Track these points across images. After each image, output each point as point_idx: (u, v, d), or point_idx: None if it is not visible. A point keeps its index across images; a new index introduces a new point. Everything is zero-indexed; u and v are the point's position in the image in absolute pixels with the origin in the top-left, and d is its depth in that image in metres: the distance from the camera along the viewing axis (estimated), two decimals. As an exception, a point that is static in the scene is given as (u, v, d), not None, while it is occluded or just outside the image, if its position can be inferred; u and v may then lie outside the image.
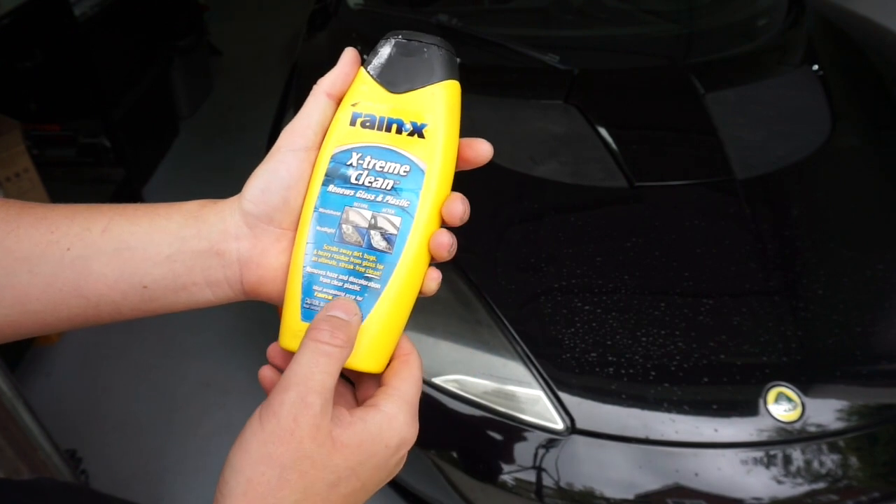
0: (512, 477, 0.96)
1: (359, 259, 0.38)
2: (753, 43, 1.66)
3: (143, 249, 0.36)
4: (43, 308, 0.36)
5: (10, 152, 1.76)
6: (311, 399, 0.32)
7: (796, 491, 0.89)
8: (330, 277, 0.37)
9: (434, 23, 1.62)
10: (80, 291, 0.36)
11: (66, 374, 1.79)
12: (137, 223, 0.37)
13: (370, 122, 0.38)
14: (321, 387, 0.33)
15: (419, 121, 0.38)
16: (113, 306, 0.37)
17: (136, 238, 0.36)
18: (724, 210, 1.22)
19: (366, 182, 0.38)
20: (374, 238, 0.38)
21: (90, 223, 0.36)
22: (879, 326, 1.04)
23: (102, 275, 0.36)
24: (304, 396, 0.32)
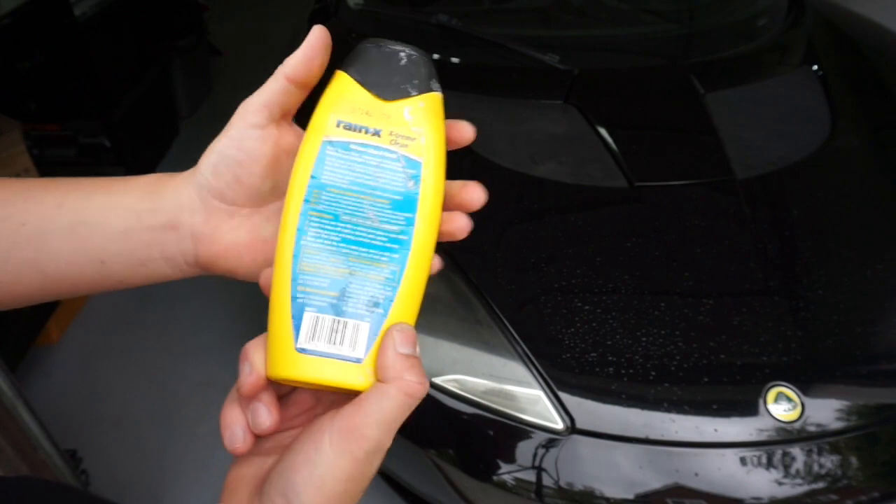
0: (512, 477, 0.96)
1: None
2: (753, 43, 1.66)
3: (99, 224, 0.36)
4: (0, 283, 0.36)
5: (10, 152, 1.76)
6: (387, 443, 0.33)
7: (796, 491, 0.89)
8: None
9: (434, 23, 1.62)
10: (36, 267, 0.36)
11: (66, 374, 1.79)
12: (93, 198, 0.37)
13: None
14: (394, 432, 0.34)
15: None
16: (70, 281, 0.37)
17: (91, 213, 0.36)
18: (724, 210, 1.22)
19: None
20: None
21: (44, 198, 0.36)
22: (879, 326, 1.04)
23: (59, 250, 0.36)
24: (383, 443, 0.33)
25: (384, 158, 0.36)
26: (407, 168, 0.36)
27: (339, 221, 0.35)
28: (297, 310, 0.34)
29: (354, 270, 0.34)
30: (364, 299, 0.34)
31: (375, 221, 0.35)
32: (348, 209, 0.35)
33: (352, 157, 0.35)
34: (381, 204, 0.35)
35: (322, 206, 0.35)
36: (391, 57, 0.37)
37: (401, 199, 0.36)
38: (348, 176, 0.35)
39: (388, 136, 0.36)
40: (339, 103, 0.36)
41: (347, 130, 0.36)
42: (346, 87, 0.36)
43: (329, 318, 0.34)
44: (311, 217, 0.35)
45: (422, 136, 0.37)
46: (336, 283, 0.34)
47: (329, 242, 0.34)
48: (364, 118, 0.36)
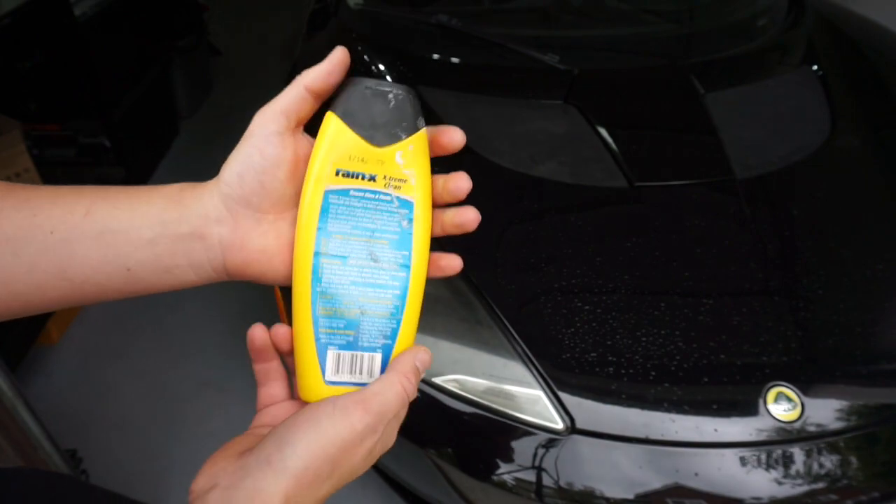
0: (512, 477, 0.96)
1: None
2: (753, 43, 1.66)
3: (125, 233, 0.37)
4: (27, 290, 0.36)
5: (10, 152, 1.76)
6: (381, 429, 0.36)
7: (796, 491, 0.89)
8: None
9: (434, 23, 1.62)
10: (64, 274, 0.36)
11: (66, 374, 1.79)
12: (119, 206, 0.37)
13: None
14: (390, 419, 0.37)
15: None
16: (97, 288, 0.38)
17: (118, 221, 0.37)
18: (724, 210, 1.22)
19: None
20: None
21: (73, 206, 0.37)
22: (879, 326, 1.04)
23: (86, 257, 0.37)
24: (377, 426, 0.36)
25: (380, 202, 0.39)
26: (401, 209, 0.40)
27: (346, 266, 0.39)
28: (321, 349, 0.39)
29: (365, 310, 0.40)
30: (375, 334, 0.40)
31: (378, 262, 0.40)
32: (354, 253, 0.39)
33: (352, 202, 0.39)
34: (381, 245, 0.40)
35: (331, 253, 0.39)
36: (380, 99, 0.39)
37: (397, 239, 0.40)
38: (351, 221, 0.39)
39: (383, 181, 0.39)
40: (337, 151, 0.39)
41: (346, 178, 0.39)
42: (342, 134, 0.39)
43: (348, 354, 0.39)
44: (323, 264, 0.39)
45: (412, 177, 0.40)
46: (351, 324, 0.39)
47: (340, 286, 0.39)
48: (360, 165, 0.39)
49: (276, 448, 0.34)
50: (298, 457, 0.34)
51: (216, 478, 0.35)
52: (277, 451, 0.34)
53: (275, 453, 0.34)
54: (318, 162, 0.39)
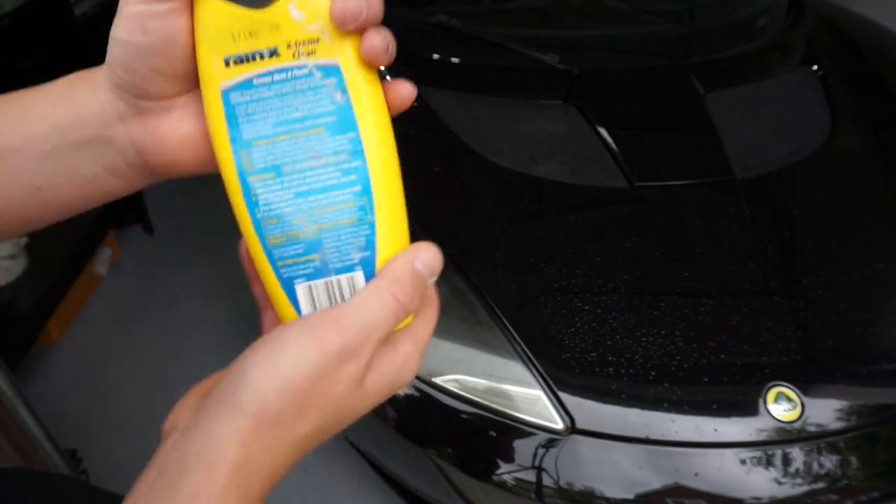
0: (512, 477, 0.96)
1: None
2: (753, 43, 1.66)
3: (19, 150, 0.31)
4: None
5: (10, 152, 1.76)
6: (365, 352, 0.29)
7: (796, 491, 0.89)
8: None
9: (434, 23, 1.62)
10: None
11: (66, 374, 1.79)
12: (8, 116, 0.32)
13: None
14: (378, 342, 0.30)
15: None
16: (18, 214, 0.33)
17: (10, 136, 0.31)
18: (724, 210, 1.22)
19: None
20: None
21: None
22: (879, 326, 1.04)
23: None
24: (357, 347, 0.29)
25: (296, 79, 0.30)
26: (325, 79, 0.30)
27: (283, 175, 0.30)
28: (287, 287, 0.31)
29: (322, 223, 0.31)
30: (346, 248, 0.31)
31: (320, 158, 0.30)
32: (286, 157, 0.30)
33: (261, 94, 0.30)
34: (318, 134, 0.30)
35: (258, 167, 0.30)
36: None
37: (334, 121, 0.30)
38: (269, 118, 0.30)
39: (288, 50, 0.29)
40: (214, 35, 0.29)
41: (240, 65, 0.29)
42: (211, 11, 0.29)
43: (321, 282, 0.31)
44: (253, 184, 0.30)
45: (324, 33, 0.29)
46: (311, 245, 0.31)
47: (284, 204, 0.31)
48: (251, 42, 0.29)
49: (230, 382, 0.28)
50: (254, 390, 0.28)
51: (179, 417, 0.30)
52: (232, 386, 0.28)
53: (230, 389, 0.28)
54: (200, 58, 0.30)
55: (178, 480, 0.27)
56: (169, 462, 0.28)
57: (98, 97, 0.31)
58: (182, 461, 0.27)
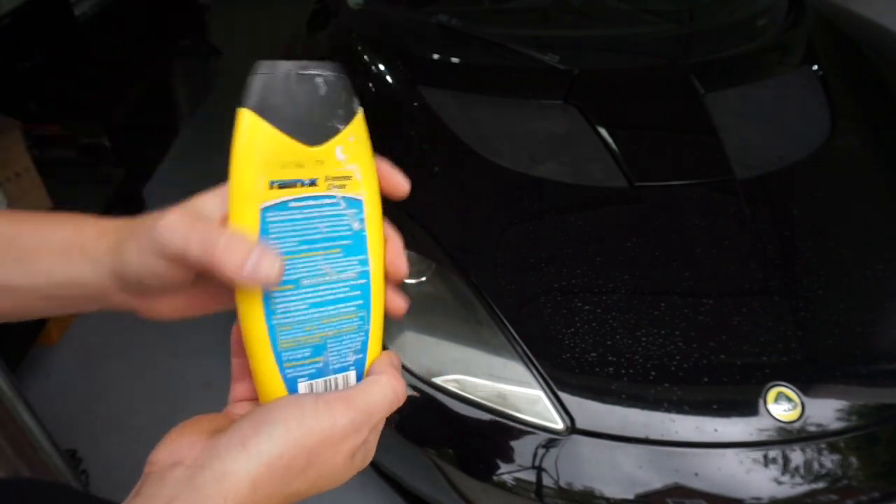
0: (512, 477, 0.96)
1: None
2: (753, 43, 1.66)
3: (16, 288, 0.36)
4: None
5: (10, 152, 1.76)
6: (365, 430, 0.34)
7: (796, 491, 0.89)
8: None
9: (434, 23, 1.62)
10: None
11: (66, 374, 1.79)
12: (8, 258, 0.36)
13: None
14: (377, 424, 0.35)
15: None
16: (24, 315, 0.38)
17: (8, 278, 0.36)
18: (724, 210, 1.22)
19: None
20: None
21: None
22: (879, 326, 1.04)
23: None
24: (362, 425, 0.34)
25: (325, 206, 0.34)
26: (349, 209, 0.35)
27: (300, 288, 0.34)
28: (290, 384, 0.35)
29: (328, 331, 0.35)
30: (345, 352, 0.36)
31: (333, 275, 0.35)
32: (306, 272, 0.34)
33: (293, 215, 0.33)
34: (334, 255, 0.35)
35: (281, 280, 0.33)
36: (306, 85, 0.33)
37: (350, 244, 0.35)
38: (296, 237, 0.33)
39: (325, 183, 0.34)
40: (266, 160, 0.32)
41: (282, 189, 0.33)
42: (267, 136, 0.32)
43: (321, 381, 0.36)
44: (274, 294, 0.33)
45: (357, 172, 0.35)
46: (317, 349, 0.35)
47: (299, 314, 0.34)
48: (297, 171, 0.33)
49: (252, 430, 0.31)
50: (274, 442, 0.31)
51: (180, 454, 0.32)
52: (254, 434, 0.31)
53: (251, 436, 0.31)
54: (245, 176, 0.32)
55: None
56: (183, 492, 0.30)
57: (100, 272, 0.35)
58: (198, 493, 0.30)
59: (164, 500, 0.30)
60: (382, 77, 1.52)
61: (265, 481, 0.31)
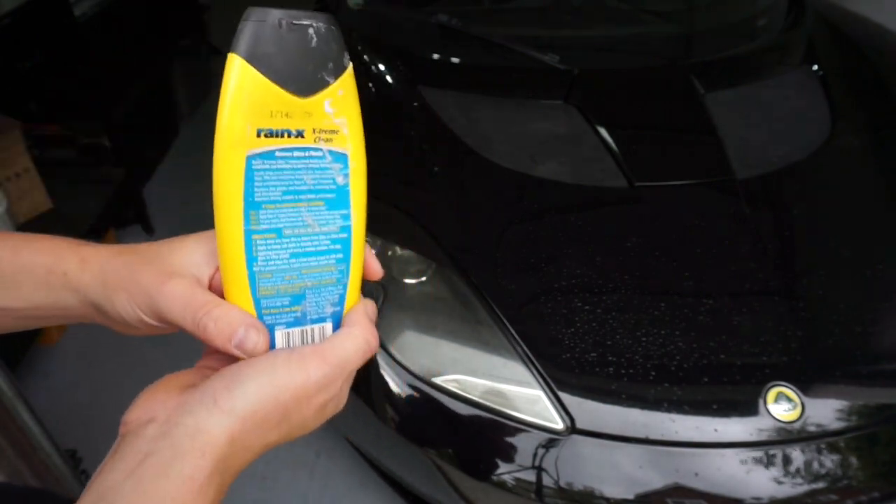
0: (512, 477, 0.96)
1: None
2: (753, 43, 1.66)
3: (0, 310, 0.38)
4: None
5: (10, 152, 1.76)
6: (338, 383, 0.35)
7: (796, 491, 0.89)
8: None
9: (434, 22, 1.62)
10: None
11: (66, 374, 1.79)
12: None
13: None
14: (348, 375, 0.36)
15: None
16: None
17: None
18: (724, 210, 1.22)
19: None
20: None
21: None
22: (879, 326, 1.04)
23: None
24: (335, 379, 0.35)
25: (311, 158, 0.34)
26: (334, 163, 0.35)
27: (282, 237, 0.35)
28: (268, 331, 0.35)
29: (308, 282, 0.36)
30: (323, 304, 0.37)
31: (315, 227, 0.35)
32: (288, 222, 0.34)
33: (279, 165, 0.34)
34: (317, 207, 0.35)
35: (263, 227, 0.34)
36: (298, 35, 0.33)
37: (334, 198, 0.36)
38: (280, 187, 0.34)
39: (312, 135, 0.34)
40: (255, 108, 0.32)
41: (269, 138, 0.33)
42: (257, 85, 0.32)
43: (297, 330, 0.36)
44: (256, 241, 0.34)
45: (344, 127, 0.35)
46: (296, 299, 0.36)
47: (280, 262, 0.35)
48: (285, 121, 0.33)
49: (224, 387, 0.32)
50: (248, 399, 0.32)
51: (153, 411, 0.33)
52: (226, 391, 0.32)
53: (223, 392, 0.32)
54: (233, 123, 0.32)
55: (173, 461, 0.30)
56: (160, 446, 0.30)
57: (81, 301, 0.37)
58: (174, 447, 0.30)
59: (140, 456, 0.30)
60: (382, 77, 1.52)
61: (241, 436, 0.32)
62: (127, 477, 0.30)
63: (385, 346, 1.05)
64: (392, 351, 1.04)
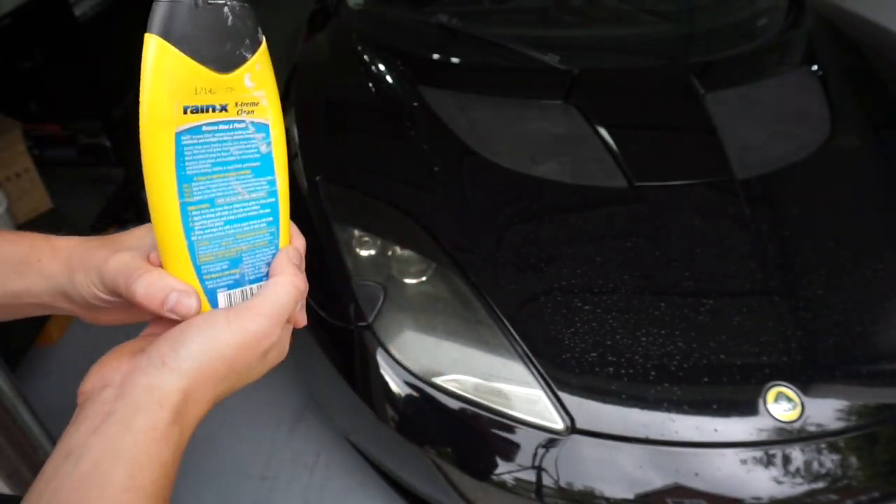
0: (512, 476, 0.96)
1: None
2: (753, 43, 1.66)
3: None
4: None
5: (11, 152, 1.76)
6: (276, 331, 0.38)
7: (796, 490, 0.89)
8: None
9: (434, 23, 1.62)
10: None
11: (66, 374, 1.79)
12: None
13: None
14: (284, 322, 0.38)
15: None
16: None
17: None
18: (724, 210, 1.22)
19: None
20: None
21: None
22: (879, 326, 1.04)
23: None
24: (272, 328, 0.37)
25: (236, 130, 0.37)
26: (257, 133, 0.38)
27: (215, 206, 0.37)
28: (210, 295, 0.38)
29: (243, 246, 0.39)
30: (258, 264, 0.39)
31: (245, 194, 0.38)
32: (220, 192, 0.37)
33: (206, 139, 0.36)
34: (245, 175, 0.38)
35: (196, 198, 0.36)
36: (214, 14, 0.34)
37: (259, 166, 0.38)
38: (209, 159, 0.36)
39: (235, 108, 0.36)
40: (179, 87, 0.34)
41: (195, 114, 0.35)
42: (180, 64, 0.34)
43: (238, 291, 0.39)
44: (192, 213, 0.36)
45: (263, 98, 0.37)
46: (234, 262, 0.38)
47: (215, 230, 0.37)
48: (209, 97, 0.35)
49: (170, 349, 0.35)
50: (193, 357, 0.34)
51: (107, 378, 0.35)
52: (172, 352, 0.34)
53: (169, 353, 0.34)
54: (158, 102, 0.34)
55: (133, 416, 0.33)
56: (119, 405, 0.33)
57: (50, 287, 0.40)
58: (133, 403, 0.33)
59: (101, 416, 0.33)
60: (382, 77, 1.52)
61: (192, 391, 0.34)
62: (91, 434, 0.32)
63: (385, 346, 1.05)
64: (392, 351, 1.04)
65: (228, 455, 1.50)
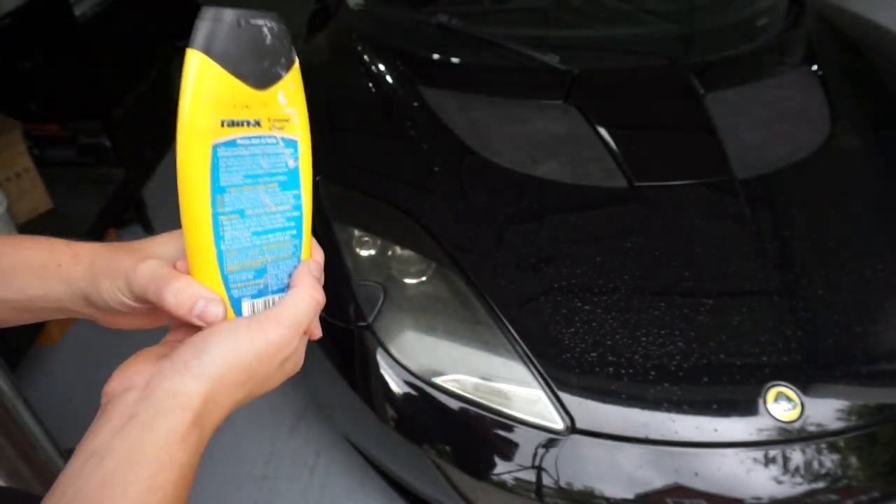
0: (512, 476, 0.96)
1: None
2: (753, 43, 1.66)
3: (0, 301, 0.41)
4: None
5: (11, 152, 1.76)
6: (294, 342, 0.39)
7: (796, 490, 0.89)
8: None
9: (434, 23, 1.62)
10: None
11: (66, 374, 1.79)
12: None
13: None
14: (302, 333, 0.40)
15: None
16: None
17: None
18: (724, 210, 1.22)
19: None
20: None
21: None
22: (879, 326, 1.04)
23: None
24: (291, 338, 0.38)
25: (267, 145, 0.38)
26: (286, 148, 0.39)
27: (245, 217, 0.38)
28: (235, 304, 0.39)
29: (268, 257, 0.40)
30: (282, 275, 0.41)
31: (272, 206, 0.39)
32: (249, 204, 0.38)
33: (240, 152, 0.37)
34: (273, 189, 0.39)
35: (228, 209, 0.38)
36: (254, 33, 0.36)
37: (286, 180, 0.40)
38: (241, 172, 0.38)
39: (268, 123, 0.38)
40: (218, 100, 0.36)
41: (231, 127, 0.36)
42: (219, 78, 0.35)
43: (261, 300, 0.40)
44: (223, 223, 0.37)
45: (294, 115, 0.39)
46: (259, 272, 0.40)
47: (244, 240, 0.39)
48: (245, 112, 0.37)
49: (193, 355, 0.36)
50: (215, 363, 0.35)
51: (131, 381, 0.36)
52: (195, 358, 0.35)
53: (192, 359, 0.35)
54: (198, 113, 0.35)
55: (156, 418, 0.33)
56: (141, 408, 0.34)
57: (72, 292, 0.40)
58: (155, 406, 0.34)
59: (124, 418, 0.33)
60: (382, 77, 1.52)
61: (213, 395, 0.35)
62: (114, 436, 0.33)
63: (385, 346, 1.05)
64: (392, 351, 1.04)
65: (229, 455, 1.50)
